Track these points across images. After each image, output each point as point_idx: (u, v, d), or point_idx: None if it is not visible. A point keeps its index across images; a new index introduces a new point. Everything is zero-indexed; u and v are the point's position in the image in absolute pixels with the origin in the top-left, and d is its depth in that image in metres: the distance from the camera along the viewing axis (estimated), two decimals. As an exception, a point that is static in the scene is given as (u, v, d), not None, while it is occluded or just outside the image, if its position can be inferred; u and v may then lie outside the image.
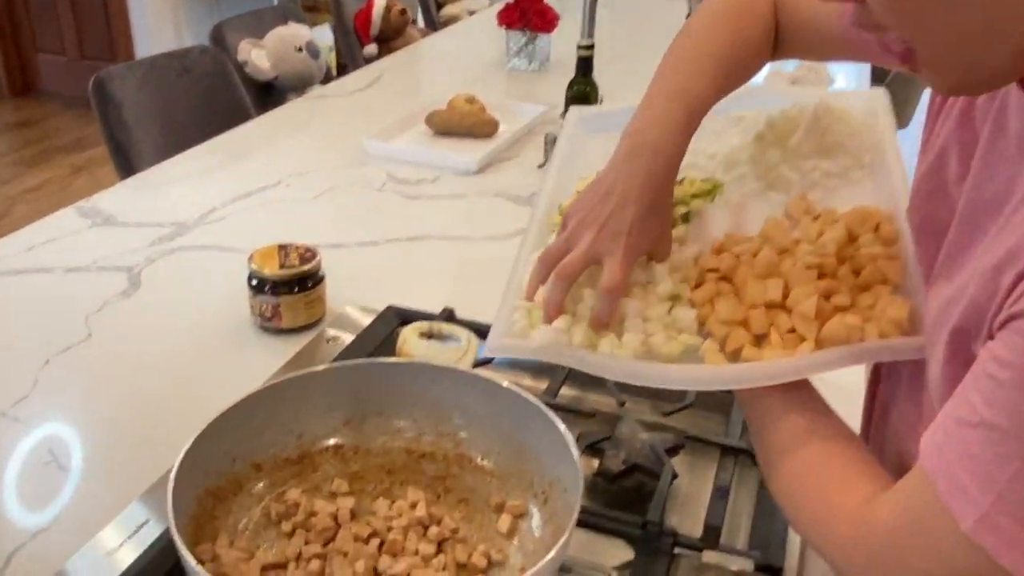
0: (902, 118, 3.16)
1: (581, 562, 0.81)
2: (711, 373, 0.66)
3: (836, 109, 0.82)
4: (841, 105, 0.83)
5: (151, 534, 0.80)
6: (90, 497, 0.89)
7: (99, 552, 0.79)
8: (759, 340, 0.66)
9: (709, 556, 0.76)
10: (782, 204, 0.77)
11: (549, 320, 0.70)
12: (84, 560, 0.78)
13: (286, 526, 0.77)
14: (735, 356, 0.66)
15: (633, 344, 0.68)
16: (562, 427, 0.78)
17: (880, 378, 0.73)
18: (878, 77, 2.39)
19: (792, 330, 0.65)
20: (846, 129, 0.81)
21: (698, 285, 0.71)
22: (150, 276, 1.30)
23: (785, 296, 0.67)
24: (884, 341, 0.63)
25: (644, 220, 0.70)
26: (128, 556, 0.77)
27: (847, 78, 2.30)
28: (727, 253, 0.72)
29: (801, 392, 0.65)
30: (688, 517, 0.87)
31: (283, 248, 1.16)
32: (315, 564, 0.72)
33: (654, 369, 0.67)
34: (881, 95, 0.85)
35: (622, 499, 0.88)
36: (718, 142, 0.85)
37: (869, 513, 0.55)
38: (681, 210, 0.78)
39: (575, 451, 0.75)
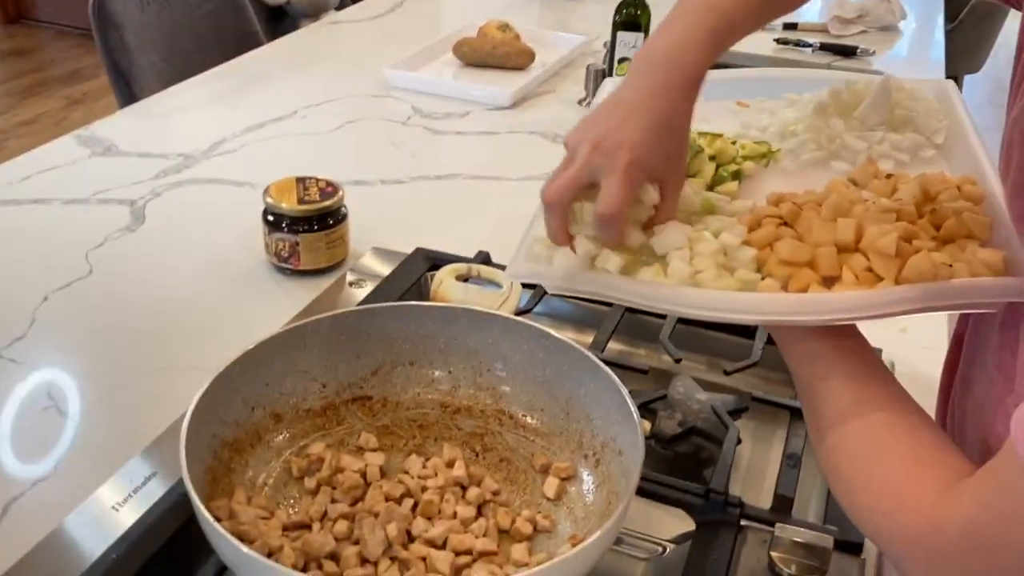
0: (974, 62, 3.07)
1: (632, 532, 0.77)
2: (769, 301, 0.58)
3: (907, 86, 0.78)
4: (911, 84, 0.78)
5: (158, 489, 0.77)
6: (92, 446, 0.86)
7: (101, 507, 0.76)
8: (828, 283, 0.61)
9: (782, 530, 0.72)
10: (846, 176, 0.71)
11: (559, 244, 0.64)
12: (84, 516, 0.75)
13: (309, 482, 0.74)
14: None
15: (679, 274, 0.61)
16: (619, 382, 0.73)
17: (962, 343, 0.68)
18: (951, 15, 2.30)
19: (868, 269, 0.59)
20: (918, 107, 0.76)
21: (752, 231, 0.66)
22: (155, 210, 1.26)
23: (858, 240, 0.61)
24: (977, 280, 0.57)
25: (652, 134, 0.62)
26: (132, 513, 0.74)
27: (918, 15, 2.21)
28: (787, 202, 0.66)
29: (864, 353, 0.59)
30: (751, 487, 0.84)
31: (302, 181, 1.12)
32: (342, 525, 0.69)
33: (703, 296, 0.60)
34: (950, 84, 0.80)
35: (676, 465, 0.85)
36: (771, 118, 0.81)
37: (944, 506, 0.49)
38: (731, 168, 0.73)
39: (634, 409, 0.71)
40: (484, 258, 1.07)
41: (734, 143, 0.76)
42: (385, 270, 1.09)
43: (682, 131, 0.65)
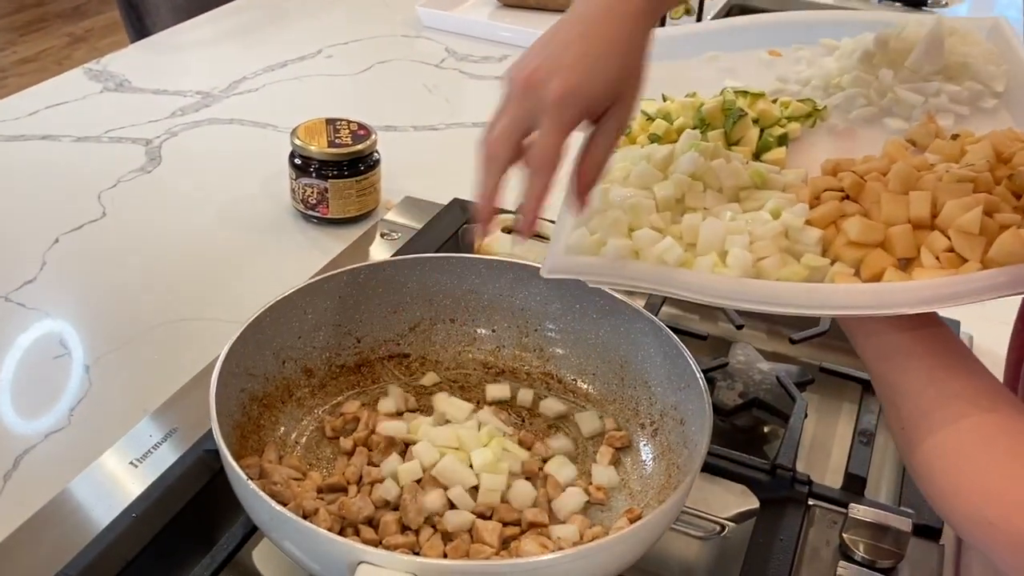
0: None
1: (688, 509, 0.76)
2: (847, 294, 0.55)
3: (959, 28, 0.74)
4: (963, 25, 0.75)
5: (179, 446, 0.76)
6: (107, 398, 0.85)
7: (117, 464, 0.75)
8: (904, 267, 0.58)
9: (856, 511, 0.70)
10: (902, 133, 0.69)
11: (481, 218, 0.60)
12: (100, 472, 0.74)
13: (345, 443, 0.72)
14: (874, 282, 0.57)
15: (741, 263, 0.59)
16: (681, 345, 0.72)
17: None
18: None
19: (949, 250, 0.57)
20: (973, 51, 0.73)
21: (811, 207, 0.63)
22: (172, 150, 1.25)
23: (934, 215, 0.58)
24: None
25: (590, 62, 0.57)
26: (151, 470, 0.73)
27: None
28: (847, 172, 0.63)
29: (947, 341, 0.56)
30: (817, 465, 0.82)
31: (332, 123, 1.10)
32: (380, 490, 0.67)
33: (770, 289, 0.57)
34: (1003, 21, 0.77)
35: (735, 439, 0.83)
36: (810, 69, 0.78)
37: None
38: (776, 132, 0.70)
39: (700, 375, 0.69)
40: (528, 210, 1.05)
41: (775, 102, 0.73)
42: (418, 222, 1.07)
43: (630, 55, 0.59)
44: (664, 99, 0.76)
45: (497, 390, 0.79)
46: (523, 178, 0.59)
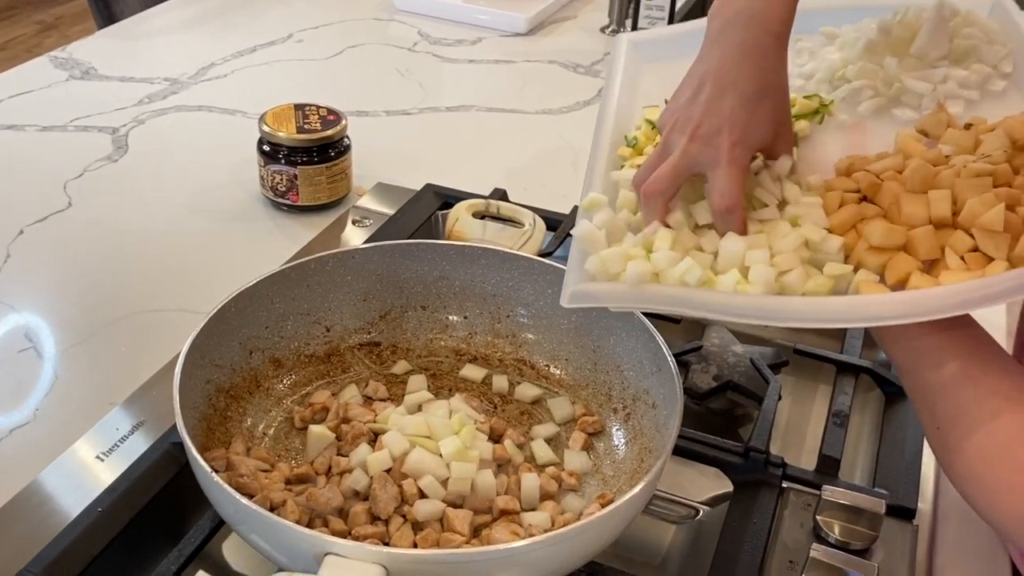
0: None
1: (662, 493, 0.75)
2: (879, 305, 0.56)
3: (960, 8, 0.74)
4: (966, 6, 0.75)
5: (145, 439, 0.76)
6: (73, 392, 0.84)
7: (83, 458, 0.74)
8: (928, 268, 0.58)
9: (830, 493, 0.70)
10: (912, 123, 0.69)
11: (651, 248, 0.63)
12: (65, 467, 0.74)
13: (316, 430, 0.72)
14: (900, 287, 0.57)
15: (764, 279, 0.59)
16: (653, 330, 0.71)
17: None
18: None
19: (974, 249, 0.56)
20: (977, 32, 0.73)
21: (828, 214, 0.63)
22: (139, 139, 1.24)
23: (955, 213, 0.58)
24: None
25: (749, 108, 0.62)
26: (118, 464, 0.73)
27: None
28: (862, 172, 0.63)
29: (978, 337, 0.57)
30: (792, 447, 0.82)
31: (301, 108, 1.09)
32: (350, 480, 0.67)
33: (799, 305, 0.58)
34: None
35: (709, 422, 0.83)
36: (813, 61, 0.78)
37: None
38: None
39: (671, 359, 0.69)
40: (501, 195, 1.04)
41: None
42: (391, 208, 1.07)
43: (780, 91, 0.64)
44: None
45: (471, 371, 0.79)
46: (719, 221, 0.63)
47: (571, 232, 0.65)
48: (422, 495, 0.66)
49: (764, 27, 0.63)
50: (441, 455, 0.67)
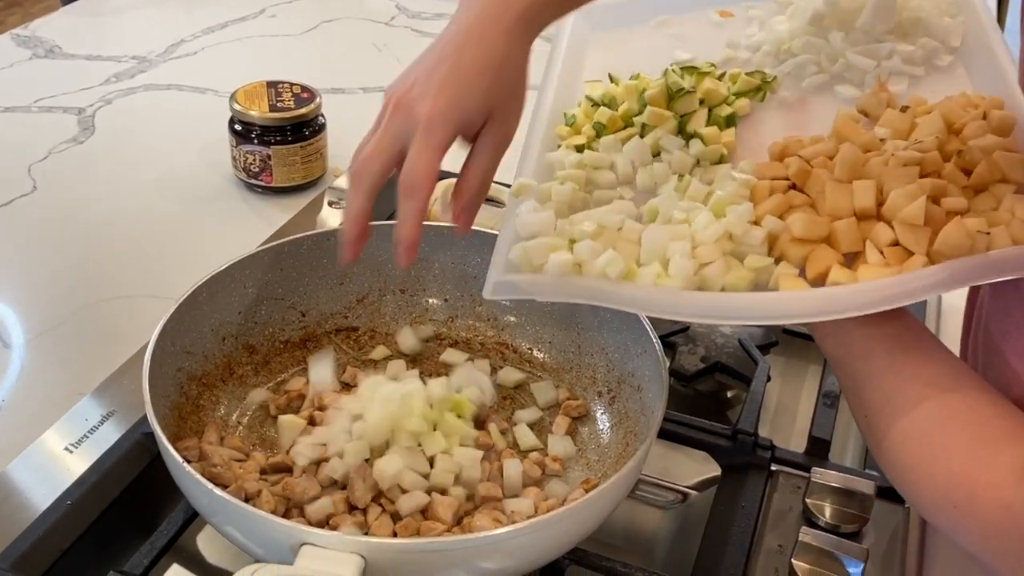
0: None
1: (649, 478, 0.76)
2: (793, 302, 0.56)
3: None
4: None
5: (115, 429, 0.75)
6: (40, 382, 0.84)
7: (51, 450, 0.74)
8: (850, 261, 0.58)
9: (820, 475, 0.71)
10: (854, 101, 0.69)
11: (347, 238, 0.60)
12: (33, 459, 0.74)
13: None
14: (820, 281, 0.57)
15: (683, 273, 0.58)
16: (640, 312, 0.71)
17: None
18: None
19: (895, 243, 0.57)
20: (926, 3, 0.73)
21: (758, 201, 0.63)
22: (106, 119, 1.23)
23: (880, 203, 0.58)
24: (1020, 249, 0.53)
25: (461, 82, 0.57)
26: (87, 456, 0.73)
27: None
28: (794, 157, 0.63)
29: (903, 327, 0.57)
30: (782, 429, 0.83)
31: (274, 86, 1.08)
32: (328, 468, 0.67)
33: (714, 301, 0.58)
34: None
35: (697, 405, 0.84)
36: (761, 32, 0.77)
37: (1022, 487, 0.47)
38: (724, 112, 0.70)
39: (656, 340, 0.69)
40: (481, 174, 1.04)
41: (722, 77, 0.72)
42: (369, 188, 1.06)
43: (506, 72, 0.59)
44: (612, 80, 0.76)
45: (453, 355, 0.79)
46: (400, 197, 0.59)
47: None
48: (403, 490, 0.66)
49: (507, 2, 0.59)
50: (420, 445, 0.67)
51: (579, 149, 0.70)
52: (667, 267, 0.60)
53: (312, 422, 0.71)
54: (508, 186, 0.97)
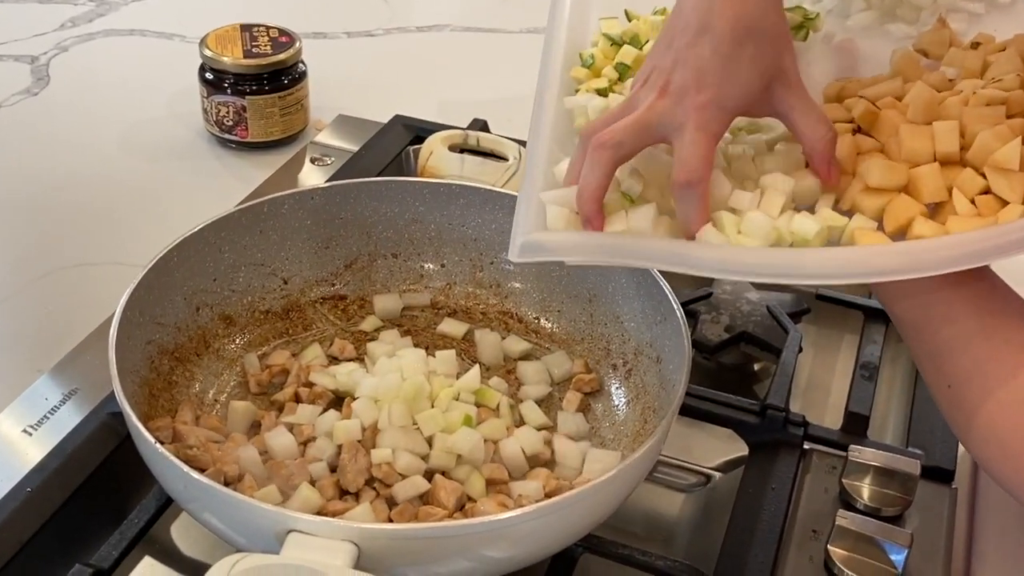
0: None
1: (669, 459, 0.76)
2: (877, 257, 0.55)
3: None
4: None
5: (79, 410, 0.75)
6: (-4, 358, 0.84)
7: (7, 433, 0.74)
8: (934, 212, 0.57)
9: (857, 453, 0.71)
10: (908, 41, 0.68)
11: (586, 216, 0.59)
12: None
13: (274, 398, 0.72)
14: (900, 235, 0.57)
15: (761, 228, 0.57)
16: (657, 275, 0.71)
17: None
18: None
19: (985, 191, 0.56)
20: None
21: None
22: (62, 69, 1.23)
23: (963, 148, 0.57)
24: None
25: (725, 57, 0.57)
26: (48, 439, 0.73)
27: None
28: (857, 99, 0.63)
29: (990, 287, 0.57)
30: (815, 404, 0.83)
31: (248, 30, 1.08)
32: (314, 449, 0.67)
33: (792, 258, 0.57)
34: None
35: (720, 379, 0.84)
36: None
37: None
38: None
39: (677, 306, 0.69)
40: (481, 126, 1.04)
41: None
42: (354, 144, 1.06)
43: (771, 31, 0.59)
44: (629, 17, 0.75)
45: (451, 326, 0.79)
46: (677, 197, 0.58)
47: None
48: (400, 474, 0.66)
49: None
50: (416, 424, 0.67)
51: (601, 93, 0.69)
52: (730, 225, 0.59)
53: (298, 399, 0.71)
54: (513, 140, 0.98)
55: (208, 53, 1.04)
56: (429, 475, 0.65)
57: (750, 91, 0.59)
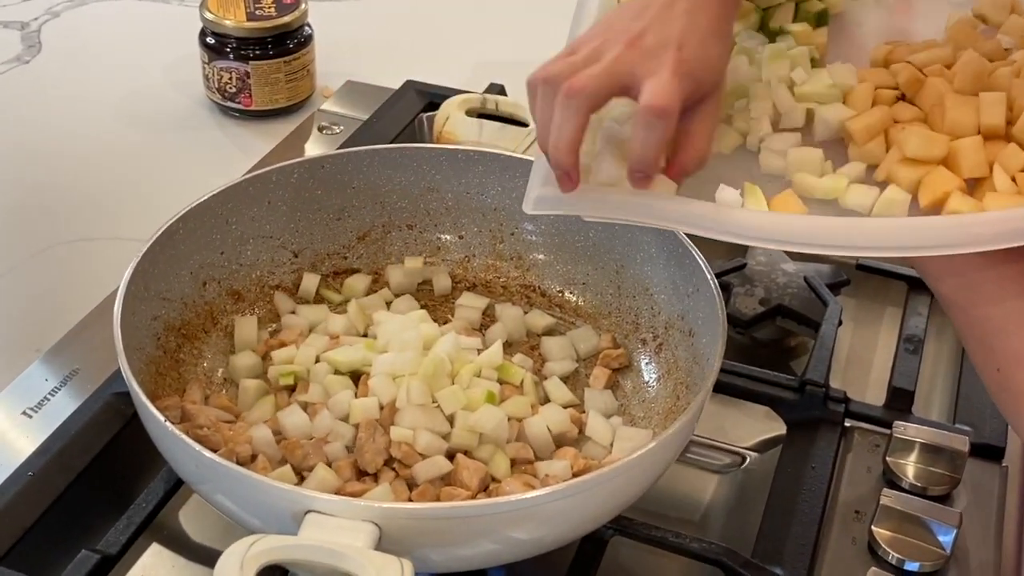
0: None
1: (702, 438, 0.77)
2: (901, 229, 0.56)
3: None
4: None
5: (81, 390, 0.76)
6: (-8, 338, 0.85)
7: (7, 414, 0.75)
8: (973, 187, 0.58)
9: (902, 430, 0.71)
10: (968, 5, 0.69)
11: (564, 168, 0.61)
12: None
13: (285, 379, 0.73)
14: (935, 210, 0.57)
15: (811, 160, 0.58)
16: (689, 244, 0.72)
17: None
18: None
19: None
20: None
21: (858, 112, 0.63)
22: (54, 35, 1.23)
23: (1010, 122, 0.58)
24: None
25: (699, 37, 0.60)
26: (49, 420, 0.74)
27: None
28: (903, 64, 0.63)
29: None
30: (856, 380, 0.83)
31: (251, -10, 1.08)
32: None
33: (834, 227, 0.57)
34: None
35: (755, 354, 0.84)
36: None
37: None
38: (814, 7, 0.70)
39: (711, 276, 0.69)
40: (499, 90, 1.04)
41: None
42: (364, 112, 1.07)
43: (726, 40, 0.63)
44: None
45: (470, 300, 0.80)
46: (642, 123, 0.59)
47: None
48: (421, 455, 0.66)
49: None
50: (436, 402, 0.68)
51: None
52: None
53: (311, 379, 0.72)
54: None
55: (209, 16, 1.05)
56: (450, 455, 0.66)
57: (712, 80, 0.62)
